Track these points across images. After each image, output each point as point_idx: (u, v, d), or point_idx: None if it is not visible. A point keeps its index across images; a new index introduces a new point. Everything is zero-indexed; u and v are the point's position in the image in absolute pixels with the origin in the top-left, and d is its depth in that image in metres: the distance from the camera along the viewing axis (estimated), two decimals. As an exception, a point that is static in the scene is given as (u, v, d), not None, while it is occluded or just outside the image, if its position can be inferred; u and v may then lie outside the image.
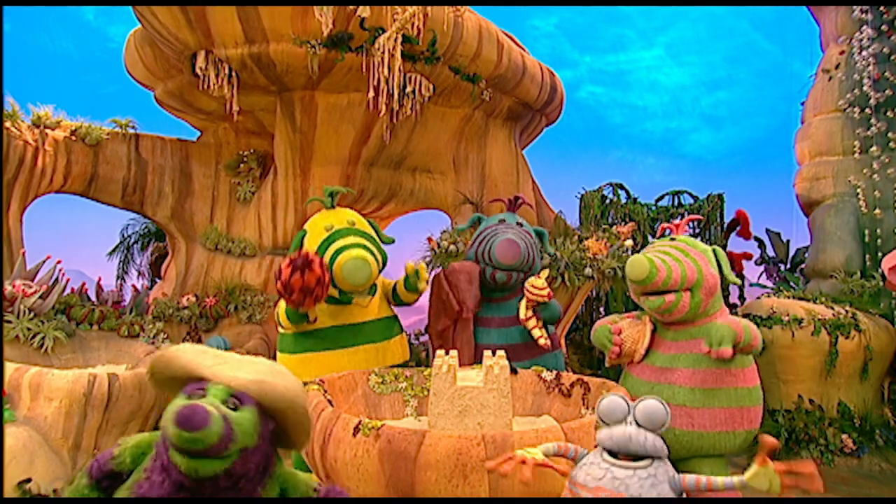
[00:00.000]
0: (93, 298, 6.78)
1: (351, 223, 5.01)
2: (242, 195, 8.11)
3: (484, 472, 2.77)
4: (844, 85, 7.70)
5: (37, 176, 6.87)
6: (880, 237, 7.18)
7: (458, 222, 8.12)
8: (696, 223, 8.18)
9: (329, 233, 4.86)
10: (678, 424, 3.90)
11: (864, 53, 7.49)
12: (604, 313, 8.62)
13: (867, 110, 7.43)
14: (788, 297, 6.75)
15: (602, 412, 2.34)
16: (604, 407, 2.34)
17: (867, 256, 7.23)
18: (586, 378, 4.13)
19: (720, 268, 4.20)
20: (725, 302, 7.22)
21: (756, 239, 9.30)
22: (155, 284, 9.17)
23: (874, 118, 7.38)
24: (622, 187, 8.75)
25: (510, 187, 8.79)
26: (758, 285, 8.96)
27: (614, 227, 7.52)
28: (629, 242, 6.81)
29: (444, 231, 6.97)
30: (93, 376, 4.57)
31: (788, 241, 9.30)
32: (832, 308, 6.32)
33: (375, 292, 5.12)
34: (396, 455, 2.86)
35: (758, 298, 6.90)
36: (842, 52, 7.77)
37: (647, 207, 8.61)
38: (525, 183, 9.11)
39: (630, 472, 2.14)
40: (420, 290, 5.31)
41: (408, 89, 6.87)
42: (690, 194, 8.50)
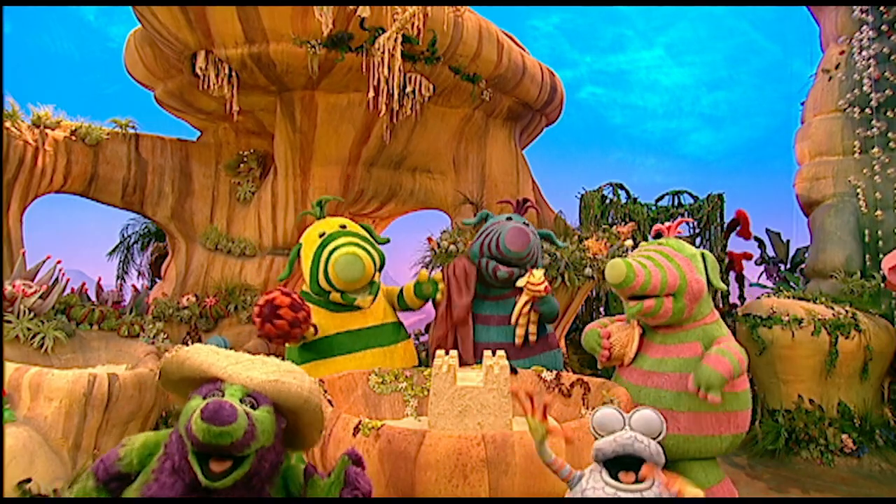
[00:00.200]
0: (93, 298, 6.77)
1: (342, 227, 5.14)
2: (242, 195, 8.11)
3: (484, 472, 2.77)
4: (844, 85, 7.69)
5: (37, 176, 6.87)
6: (880, 237, 7.18)
7: (459, 222, 8.12)
8: (696, 223, 8.17)
9: (322, 239, 4.99)
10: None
11: (864, 53, 7.49)
12: (604, 313, 8.62)
13: (867, 110, 7.43)
14: (788, 297, 6.75)
15: (597, 424, 2.33)
16: (599, 419, 2.32)
17: (867, 256, 7.22)
18: (586, 378, 4.14)
19: (707, 273, 4.20)
20: (725, 302, 7.24)
21: (756, 239, 9.30)
22: (155, 284, 9.16)
23: (874, 118, 7.38)
24: (622, 187, 8.74)
25: (510, 187, 8.79)
26: (758, 285, 8.96)
27: (614, 227, 7.52)
28: (629, 242, 6.80)
29: (444, 231, 6.97)
30: (93, 376, 4.56)
31: (788, 241, 9.30)
32: (832, 308, 6.32)
33: (377, 292, 5.13)
34: (396, 455, 2.86)
35: (758, 298, 6.89)
36: (842, 52, 7.77)
37: (647, 207, 8.60)
38: (525, 183, 9.11)
39: (637, 496, 2.12)
40: (429, 297, 5.39)
41: (408, 89, 6.87)
42: (690, 194, 8.49)
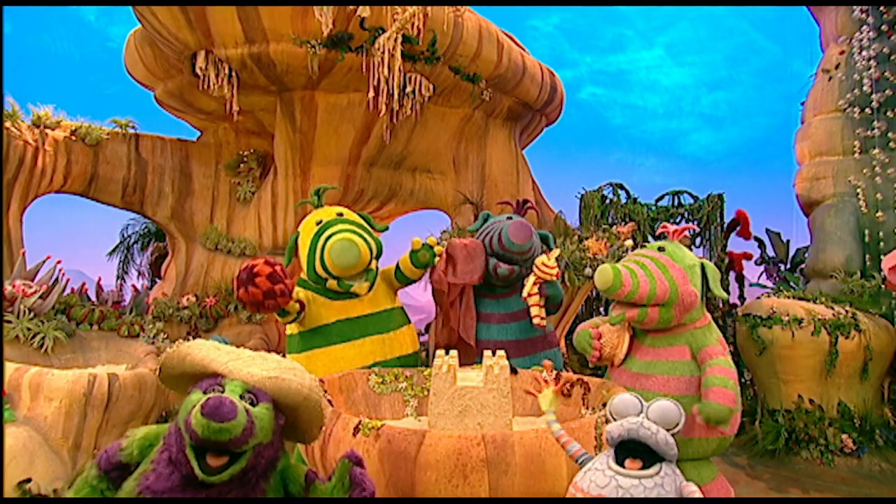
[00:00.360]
0: (93, 298, 6.78)
1: (339, 215, 5.10)
2: (242, 195, 8.12)
3: (484, 472, 2.77)
4: (844, 85, 7.69)
5: (37, 176, 6.87)
6: (881, 237, 7.17)
7: (459, 222, 8.12)
8: (697, 224, 8.16)
9: (319, 227, 4.96)
10: None
11: (865, 53, 7.49)
12: (603, 313, 8.61)
13: (867, 110, 7.42)
14: (788, 297, 6.75)
15: (614, 409, 2.30)
16: (616, 404, 2.30)
17: (867, 256, 7.22)
18: (586, 378, 4.13)
19: (707, 283, 4.16)
20: (725, 302, 7.23)
21: (756, 239, 9.29)
22: (155, 284, 9.17)
23: (874, 118, 7.37)
24: (622, 187, 8.73)
25: (510, 187, 8.79)
26: (758, 285, 8.95)
27: (614, 228, 7.52)
28: (629, 242, 6.78)
29: (444, 231, 6.98)
30: (93, 376, 4.57)
31: (788, 241, 9.30)
32: (832, 308, 6.32)
33: (374, 279, 5.05)
34: (396, 455, 2.86)
35: (758, 298, 6.89)
36: (842, 52, 7.76)
37: (647, 207, 8.59)
38: (525, 183, 9.11)
39: (635, 482, 2.08)
40: (427, 264, 5.31)
41: (408, 89, 6.87)
42: (690, 194, 8.48)
